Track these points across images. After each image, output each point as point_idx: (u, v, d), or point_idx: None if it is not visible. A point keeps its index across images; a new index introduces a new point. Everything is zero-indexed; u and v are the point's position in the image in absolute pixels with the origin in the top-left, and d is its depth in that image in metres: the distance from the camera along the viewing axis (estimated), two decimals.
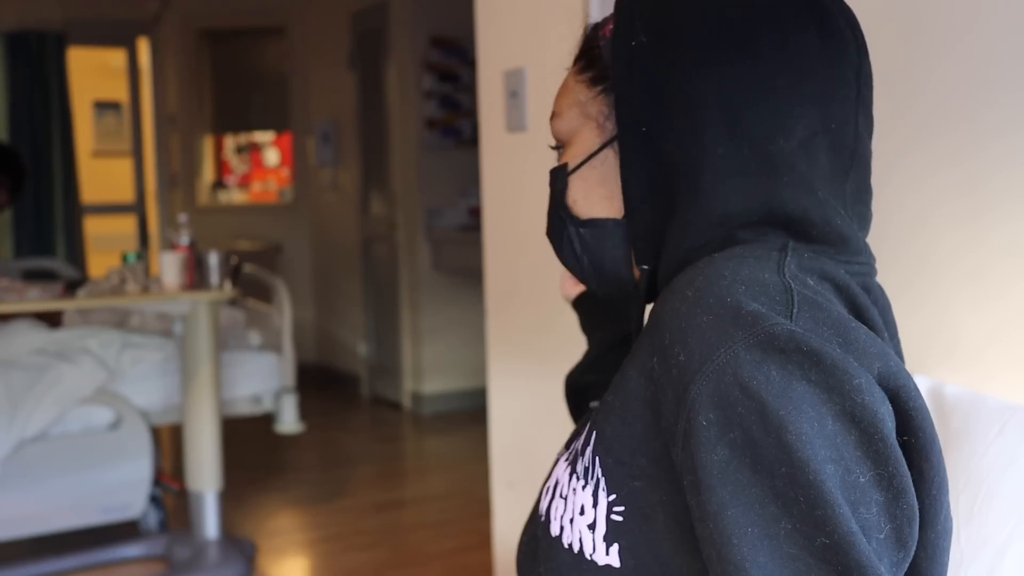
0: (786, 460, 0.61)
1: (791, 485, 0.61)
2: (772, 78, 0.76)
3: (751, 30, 0.77)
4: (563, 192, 0.86)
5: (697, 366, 0.65)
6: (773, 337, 0.64)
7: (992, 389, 1.19)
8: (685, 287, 0.70)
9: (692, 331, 0.66)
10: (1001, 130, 1.17)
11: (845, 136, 0.78)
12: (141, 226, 6.40)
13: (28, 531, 3.07)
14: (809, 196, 0.76)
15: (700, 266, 0.73)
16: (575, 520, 0.75)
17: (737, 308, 0.66)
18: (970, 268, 1.22)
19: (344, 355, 5.93)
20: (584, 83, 0.86)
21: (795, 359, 0.63)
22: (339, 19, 5.72)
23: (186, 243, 3.06)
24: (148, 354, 3.23)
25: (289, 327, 3.54)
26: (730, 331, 0.65)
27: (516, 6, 1.96)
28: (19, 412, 2.96)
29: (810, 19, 0.78)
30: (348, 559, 3.28)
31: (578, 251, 0.86)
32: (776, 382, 0.63)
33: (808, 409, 0.62)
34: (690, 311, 0.68)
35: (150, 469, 3.17)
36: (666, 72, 0.78)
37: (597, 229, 0.84)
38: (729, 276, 0.69)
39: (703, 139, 0.76)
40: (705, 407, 0.64)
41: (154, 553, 3.18)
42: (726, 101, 0.76)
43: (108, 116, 7.41)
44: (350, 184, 5.81)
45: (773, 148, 0.76)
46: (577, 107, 0.86)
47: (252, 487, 3.96)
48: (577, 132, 0.86)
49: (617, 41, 0.81)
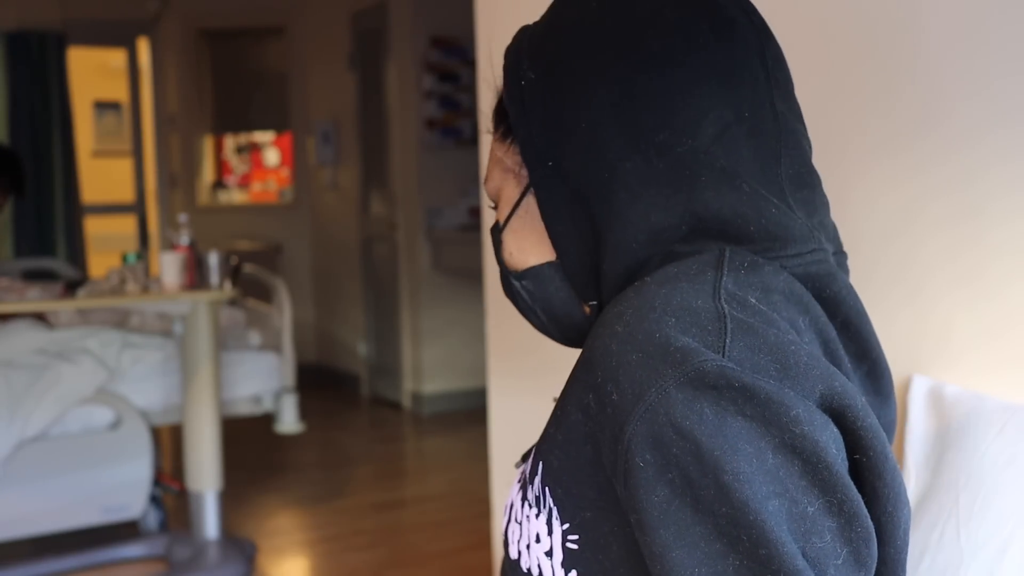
0: (725, 500, 0.60)
1: (733, 525, 0.60)
2: (664, 81, 0.74)
3: (634, 40, 0.75)
4: (498, 251, 0.86)
5: (630, 407, 0.63)
6: (703, 374, 0.62)
7: (992, 389, 1.19)
8: (615, 321, 0.68)
9: (623, 369, 0.65)
10: (994, 126, 1.17)
11: (764, 121, 0.76)
12: (141, 226, 6.39)
13: (28, 531, 3.07)
14: (734, 192, 0.73)
15: (630, 295, 0.71)
16: (531, 547, 0.75)
17: (666, 344, 0.64)
18: (968, 267, 1.21)
19: (344, 355, 5.93)
20: (498, 140, 0.85)
21: (727, 395, 0.62)
22: (339, 19, 5.72)
23: (186, 243, 3.06)
24: (148, 354, 3.23)
25: (289, 327, 3.54)
26: (660, 369, 0.63)
27: (516, 6, 1.96)
28: (19, 412, 2.96)
29: (699, 14, 0.76)
30: (348, 559, 3.28)
31: (529, 303, 0.85)
32: (710, 421, 0.61)
33: (745, 446, 0.61)
34: (620, 348, 0.66)
35: (150, 469, 3.17)
36: (557, 101, 0.77)
37: (536, 277, 0.83)
38: (659, 307, 0.67)
39: (608, 156, 0.74)
40: (641, 448, 0.63)
41: (154, 553, 3.18)
42: (622, 116, 0.74)
43: (108, 116, 7.41)
44: (350, 184, 5.81)
45: (681, 150, 0.73)
46: (498, 165, 0.85)
47: (252, 487, 3.96)
48: (501, 189, 0.85)
49: (508, 84, 0.81)
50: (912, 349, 1.28)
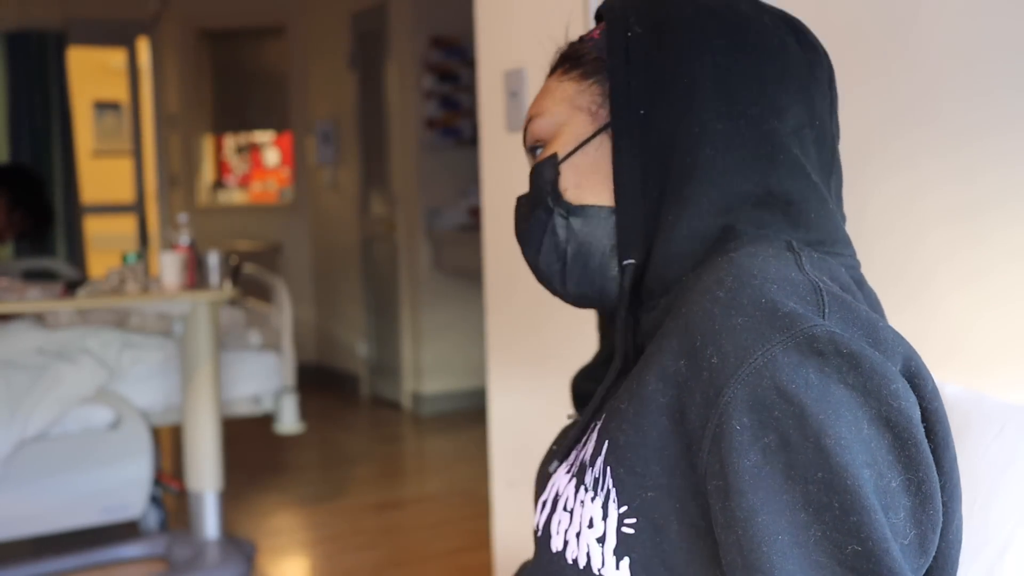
0: (823, 465, 0.61)
1: (826, 490, 0.61)
2: (761, 67, 0.79)
3: (739, 25, 0.80)
4: (554, 181, 0.85)
5: (732, 369, 0.64)
6: (812, 339, 0.63)
7: (992, 389, 1.19)
8: (714, 287, 0.69)
9: (726, 333, 0.65)
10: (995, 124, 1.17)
11: (827, 135, 0.82)
12: (141, 226, 6.39)
13: (28, 531, 3.07)
14: (805, 179, 0.78)
15: (724, 265, 0.71)
16: (582, 533, 0.74)
17: (773, 309, 0.65)
18: (968, 266, 1.21)
19: (344, 355, 5.93)
20: (572, 79, 0.87)
21: (833, 362, 0.63)
22: (339, 19, 5.72)
23: (186, 243, 3.06)
24: (148, 354, 3.23)
25: (289, 327, 3.54)
26: (767, 333, 0.64)
27: (516, 6, 1.96)
28: (19, 412, 2.96)
29: (788, 29, 0.83)
30: (348, 559, 3.28)
31: (562, 242, 0.84)
32: (815, 386, 0.62)
33: (846, 413, 0.62)
34: (723, 312, 0.66)
35: (150, 469, 3.17)
36: (662, 57, 0.80)
37: (590, 217, 0.83)
38: (759, 275, 0.68)
39: (702, 115, 0.77)
40: (739, 411, 0.63)
41: (154, 553, 3.18)
42: (721, 83, 0.78)
43: (108, 116, 7.41)
44: (350, 184, 5.81)
45: (768, 128, 0.78)
46: (565, 102, 0.87)
47: (252, 487, 3.96)
48: (565, 124, 0.86)
49: (612, 34, 0.83)
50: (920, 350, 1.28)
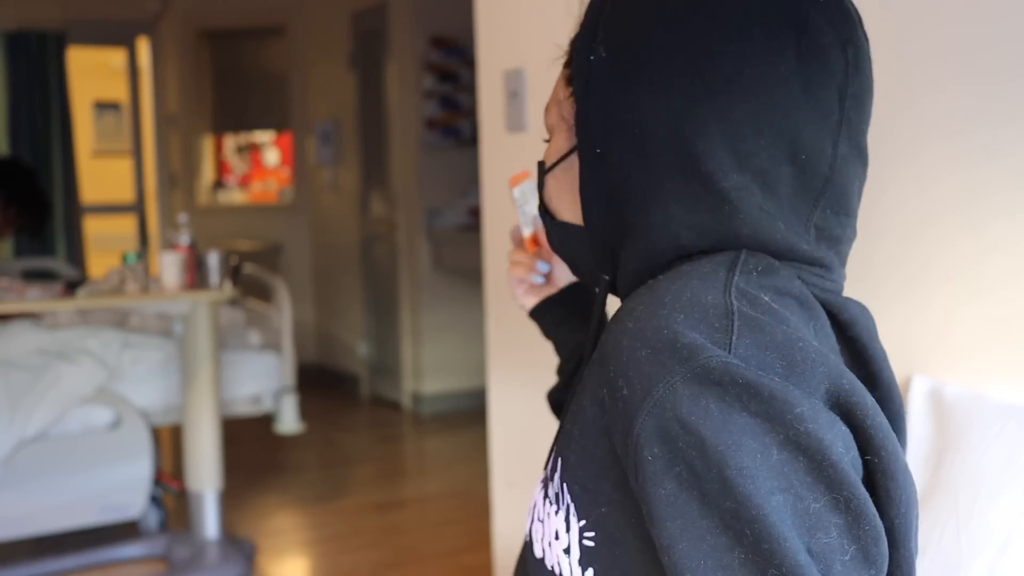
0: (729, 495, 0.61)
1: (737, 519, 0.61)
2: (728, 110, 0.71)
3: (710, 56, 0.71)
4: (542, 187, 0.88)
5: (639, 401, 0.64)
6: (708, 371, 0.63)
7: (992, 389, 1.19)
8: (626, 317, 0.69)
9: (632, 365, 0.66)
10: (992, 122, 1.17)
11: (819, 164, 0.73)
12: (141, 226, 6.40)
13: (28, 531, 3.07)
14: (769, 229, 0.73)
15: (643, 292, 0.71)
16: (552, 544, 0.76)
17: (673, 341, 0.65)
18: (969, 266, 1.21)
19: (344, 355, 5.93)
20: (564, 81, 0.85)
21: (732, 391, 0.62)
22: (339, 19, 5.73)
23: (186, 243, 3.06)
24: (148, 354, 3.24)
25: (289, 327, 3.54)
26: (668, 365, 0.64)
27: (516, 6, 1.96)
28: (19, 412, 2.96)
29: (788, 40, 0.71)
30: (348, 559, 3.28)
31: (557, 245, 0.89)
32: (715, 416, 0.62)
33: (749, 441, 0.61)
34: (630, 344, 0.67)
35: (150, 469, 3.17)
36: (619, 94, 0.74)
37: (566, 233, 0.86)
38: (669, 303, 0.68)
39: (653, 169, 0.73)
40: (649, 442, 0.64)
41: (154, 553, 3.18)
42: (677, 132, 0.72)
43: (108, 116, 7.41)
44: (350, 184, 5.81)
45: (727, 184, 0.71)
46: (556, 105, 0.86)
47: (252, 487, 3.96)
48: (553, 130, 0.87)
49: (578, 52, 0.79)
50: (912, 349, 1.28)
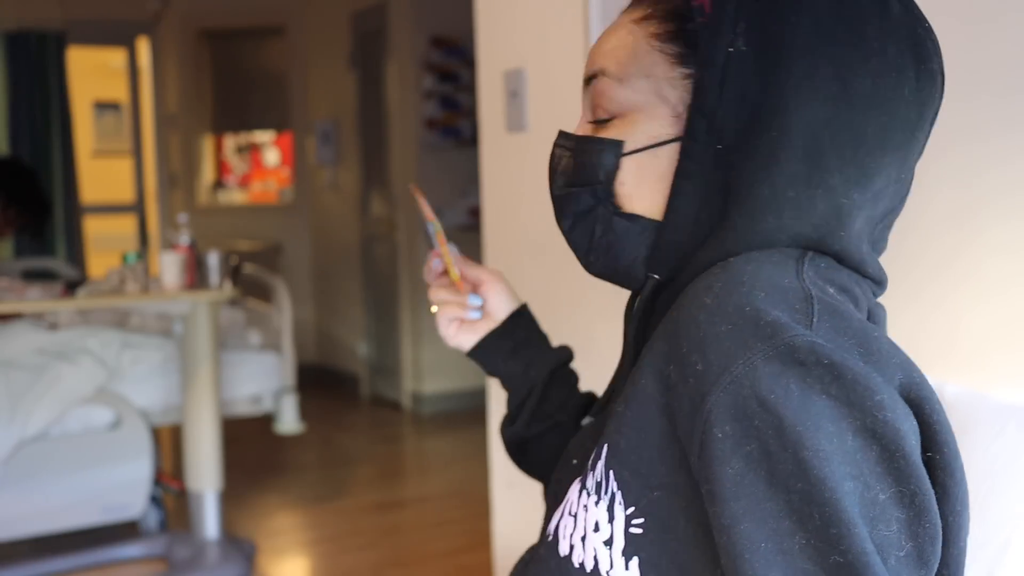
0: (802, 476, 0.60)
1: (807, 501, 0.60)
2: (864, 125, 0.71)
3: (853, 68, 0.70)
4: (612, 172, 0.77)
5: (715, 377, 0.63)
6: (793, 349, 0.62)
7: (992, 389, 1.19)
8: (703, 293, 0.67)
9: (710, 340, 0.64)
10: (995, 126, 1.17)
11: (904, 185, 0.76)
12: (141, 226, 6.39)
13: (28, 531, 3.07)
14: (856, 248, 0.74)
15: (717, 271, 0.69)
16: (588, 537, 0.73)
17: (756, 317, 0.64)
18: (969, 267, 1.21)
19: (344, 355, 5.93)
20: (665, 56, 0.75)
21: (815, 372, 0.61)
22: (339, 19, 5.73)
23: (186, 243, 3.06)
24: (148, 354, 3.24)
25: (289, 327, 3.54)
26: (749, 341, 0.63)
27: (516, 6, 1.96)
28: (19, 412, 2.96)
29: (911, 60, 0.73)
30: (348, 559, 3.28)
31: (597, 235, 0.79)
32: (795, 396, 0.61)
33: (827, 424, 0.61)
34: (708, 319, 0.65)
35: (150, 469, 3.17)
36: (762, 95, 0.71)
37: (634, 226, 0.77)
38: (748, 282, 0.66)
39: (780, 176, 0.71)
40: (721, 419, 0.62)
41: (154, 553, 3.18)
42: (815, 142, 0.70)
43: (108, 116, 7.41)
44: (350, 184, 5.81)
45: (845, 201, 0.71)
46: (649, 80, 0.75)
47: (252, 487, 3.96)
48: (641, 109, 0.76)
49: (714, 41, 0.72)
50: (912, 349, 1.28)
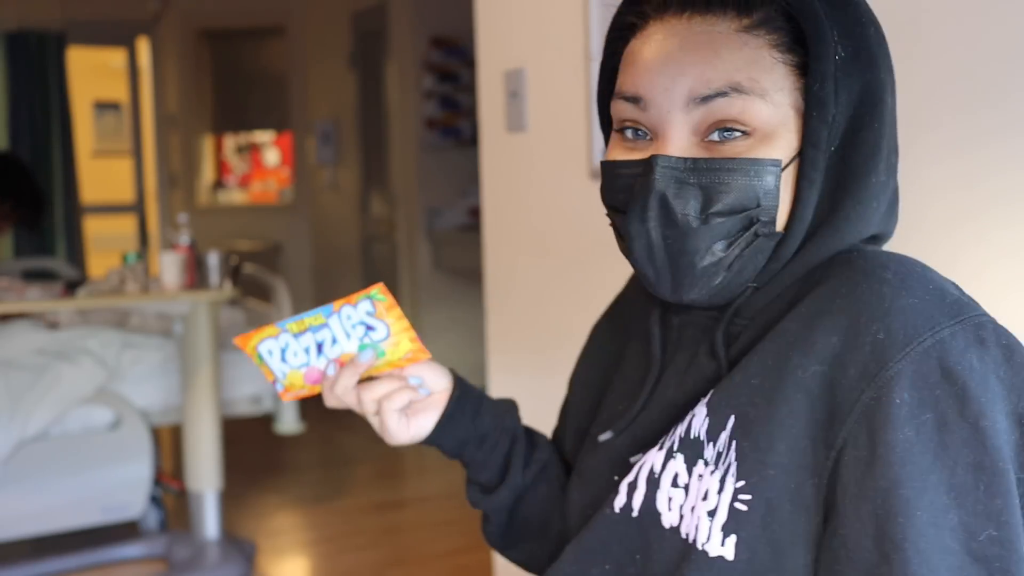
0: (978, 446, 0.63)
1: (976, 472, 0.63)
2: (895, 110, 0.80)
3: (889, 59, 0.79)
4: (774, 193, 0.73)
5: (900, 346, 0.66)
6: (979, 327, 0.66)
7: None
8: (879, 271, 0.70)
9: (896, 312, 0.67)
10: (997, 130, 1.17)
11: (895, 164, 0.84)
12: (141, 226, 6.40)
13: (28, 531, 3.07)
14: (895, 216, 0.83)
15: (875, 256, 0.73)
16: (696, 507, 0.73)
17: (942, 294, 0.68)
18: (969, 268, 1.21)
19: None
20: (790, 69, 0.74)
21: (992, 353, 0.66)
22: (339, 19, 5.72)
23: (186, 243, 3.06)
24: (148, 354, 3.23)
25: None
26: (936, 316, 0.67)
27: (516, 6, 1.96)
28: (19, 412, 2.96)
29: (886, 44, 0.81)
30: (348, 559, 3.28)
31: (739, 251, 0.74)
32: (977, 371, 0.65)
33: (999, 403, 0.65)
34: (893, 292, 0.68)
35: (150, 469, 3.17)
36: (860, 93, 0.75)
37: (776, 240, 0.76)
38: (918, 264, 0.72)
39: (880, 166, 0.77)
40: (901, 386, 0.65)
41: (154, 553, 3.18)
42: (891, 130, 0.79)
43: (108, 116, 7.41)
44: (350, 184, 5.80)
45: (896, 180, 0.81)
46: (783, 95, 0.73)
47: (252, 487, 3.96)
48: (783, 125, 0.74)
49: (823, 53, 0.72)
50: None
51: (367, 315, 0.93)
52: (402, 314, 0.93)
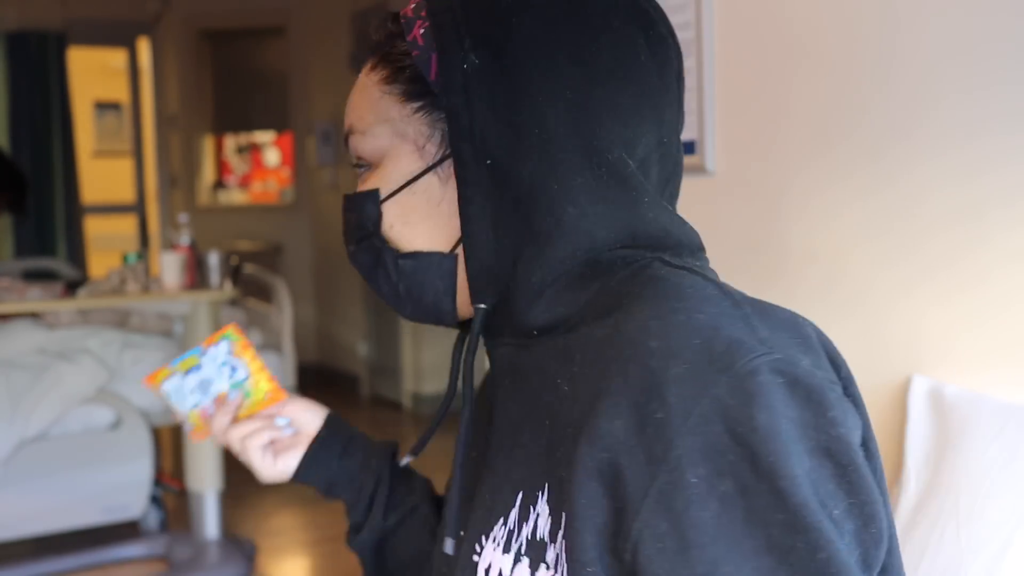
0: (781, 506, 0.59)
1: (789, 531, 0.59)
2: (616, 97, 0.73)
3: (588, 48, 0.73)
4: (376, 220, 0.78)
5: (680, 420, 0.61)
6: (752, 373, 0.61)
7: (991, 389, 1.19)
8: (644, 338, 0.64)
9: (668, 385, 0.62)
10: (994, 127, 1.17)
11: (672, 146, 0.78)
12: (141, 226, 6.40)
13: (28, 531, 3.07)
14: (660, 209, 0.74)
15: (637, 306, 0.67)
16: None
17: (709, 348, 0.62)
18: (969, 268, 1.22)
19: (344, 355, 5.93)
20: (395, 98, 0.77)
21: (775, 395, 0.61)
22: (339, 19, 5.73)
23: (186, 243, 3.06)
24: (148, 354, 3.24)
25: (289, 327, 3.54)
26: (708, 376, 0.61)
27: None
28: (20, 412, 2.96)
29: (638, 30, 0.75)
30: (348, 559, 3.28)
31: (394, 279, 0.79)
32: (762, 424, 0.60)
33: (792, 447, 0.60)
34: (660, 364, 0.63)
35: (150, 469, 3.17)
36: (511, 99, 0.72)
37: (420, 262, 0.78)
38: (682, 307, 0.65)
39: (560, 170, 0.71)
40: (694, 462, 0.61)
41: (154, 553, 3.18)
42: (579, 127, 0.72)
43: (108, 116, 7.41)
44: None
45: (627, 171, 0.73)
46: (387, 124, 0.78)
47: (252, 487, 3.95)
48: (388, 153, 0.78)
49: (446, 62, 0.73)
50: (912, 349, 1.28)
51: (228, 355, 0.97)
52: (255, 355, 0.97)
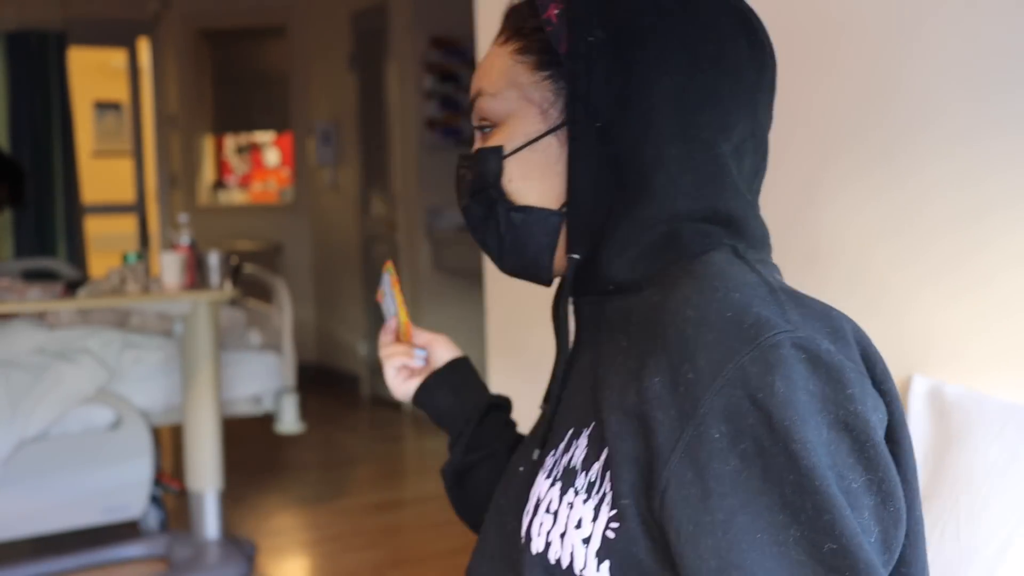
0: (794, 468, 0.65)
1: (799, 492, 0.65)
2: (717, 85, 0.80)
3: (696, 39, 0.81)
4: (497, 174, 0.86)
5: (707, 383, 0.68)
6: (775, 347, 0.68)
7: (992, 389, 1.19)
8: (683, 308, 0.73)
9: (699, 350, 0.69)
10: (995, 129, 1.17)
11: (762, 143, 0.85)
12: (141, 226, 6.40)
13: (28, 531, 3.07)
14: (741, 198, 0.82)
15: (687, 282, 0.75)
16: (567, 534, 0.76)
17: (739, 321, 0.70)
18: (969, 268, 1.22)
19: (344, 355, 5.93)
20: (526, 66, 0.86)
21: (795, 369, 0.67)
22: (339, 19, 5.73)
23: (186, 243, 3.06)
24: (148, 354, 3.24)
25: (289, 327, 3.54)
26: (735, 346, 0.68)
27: None
28: (19, 412, 2.96)
29: (740, 30, 0.82)
30: (348, 559, 3.28)
31: (503, 230, 0.87)
32: (780, 393, 0.66)
33: (809, 418, 0.66)
34: (695, 331, 0.71)
35: (150, 469, 3.17)
36: (624, 72, 0.80)
37: (530, 216, 0.85)
38: (721, 286, 0.73)
39: (658, 139, 0.79)
40: (716, 420, 0.67)
41: (154, 553, 3.18)
42: (680, 105, 0.80)
43: (108, 116, 7.41)
44: (350, 184, 5.81)
45: (718, 151, 0.80)
46: (516, 89, 0.86)
47: (252, 487, 3.96)
48: (514, 114, 0.87)
49: (574, 36, 0.82)
50: (912, 349, 1.28)
51: (388, 287, 1.12)
52: (399, 291, 1.11)
